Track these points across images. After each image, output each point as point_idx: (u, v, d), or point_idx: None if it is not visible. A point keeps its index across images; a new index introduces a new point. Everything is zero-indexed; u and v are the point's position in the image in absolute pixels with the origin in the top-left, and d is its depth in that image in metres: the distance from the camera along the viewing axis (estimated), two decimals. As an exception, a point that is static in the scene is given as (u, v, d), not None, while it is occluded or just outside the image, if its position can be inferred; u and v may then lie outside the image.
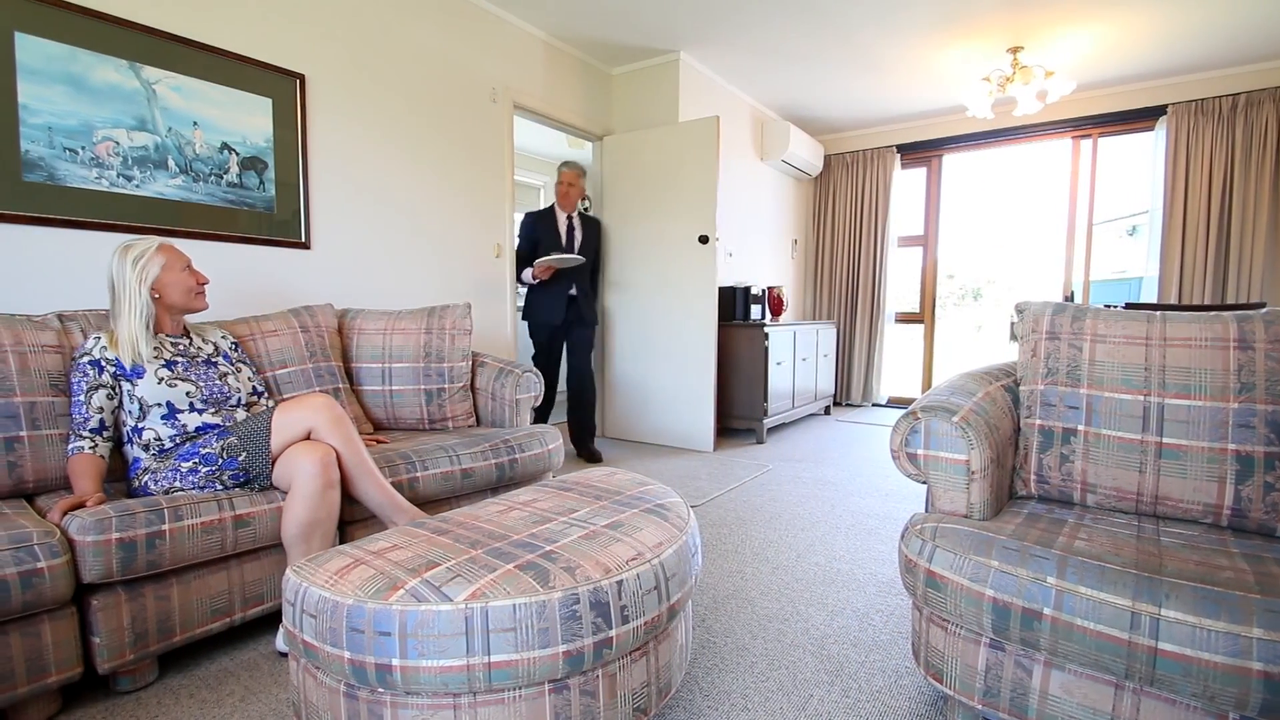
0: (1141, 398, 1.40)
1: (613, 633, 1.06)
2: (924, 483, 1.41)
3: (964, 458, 1.33)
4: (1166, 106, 4.45)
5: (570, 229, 3.76)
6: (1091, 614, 1.04)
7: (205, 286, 1.85)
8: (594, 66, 4.29)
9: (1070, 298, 5.02)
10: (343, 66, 2.82)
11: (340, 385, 2.28)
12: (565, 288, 3.67)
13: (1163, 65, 4.26)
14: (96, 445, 1.58)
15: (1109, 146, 4.88)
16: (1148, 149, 4.65)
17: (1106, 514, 1.40)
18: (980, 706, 1.21)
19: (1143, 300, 4.64)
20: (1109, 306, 1.61)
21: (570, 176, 3.69)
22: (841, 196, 5.92)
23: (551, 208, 3.73)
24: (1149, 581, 1.03)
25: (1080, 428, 1.45)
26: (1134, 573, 1.06)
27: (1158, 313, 1.48)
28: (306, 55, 2.68)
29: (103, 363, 1.63)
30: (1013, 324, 1.70)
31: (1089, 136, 4.88)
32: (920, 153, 5.58)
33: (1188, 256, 4.39)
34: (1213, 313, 1.44)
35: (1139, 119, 4.63)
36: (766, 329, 4.23)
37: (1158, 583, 1.03)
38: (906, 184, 5.74)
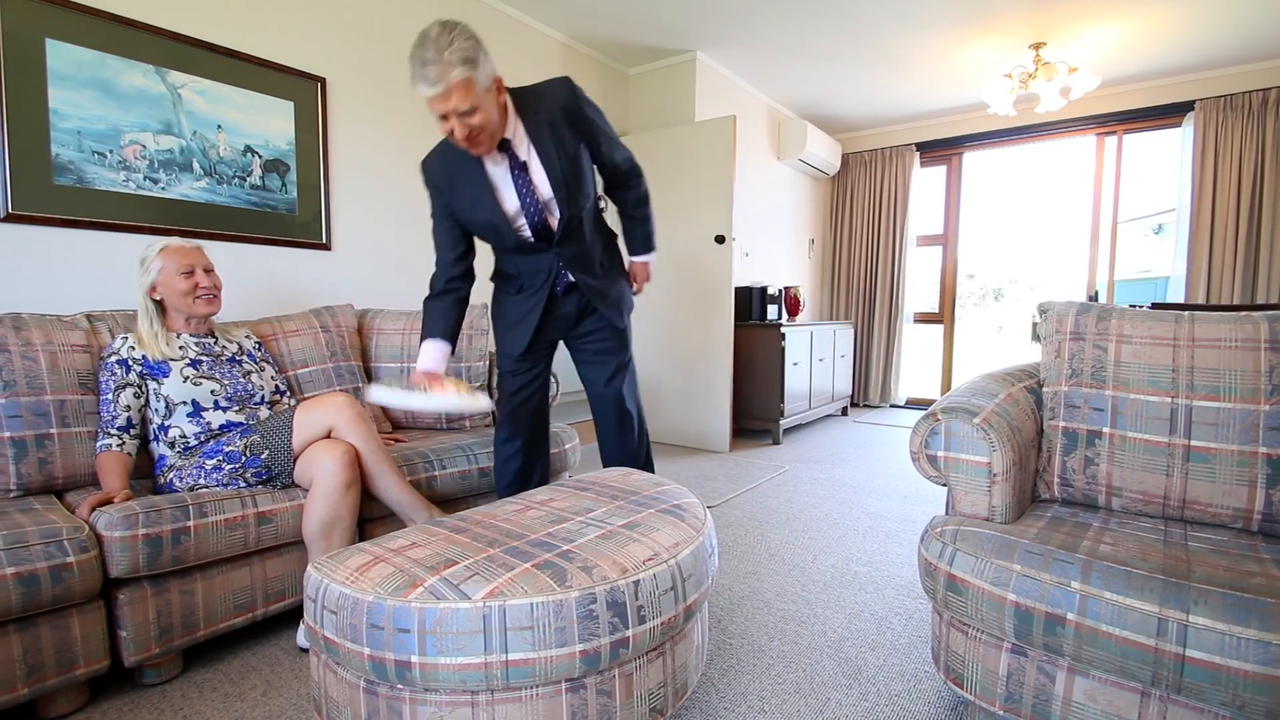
0: (1169, 399, 1.38)
1: (629, 633, 1.06)
2: (944, 485, 1.39)
3: (986, 460, 1.31)
4: (1194, 102, 4.35)
5: (518, 171, 1.62)
6: (1117, 620, 1.02)
7: (208, 292, 1.77)
8: (611, 67, 4.29)
9: (1094, 297, 4.94)
10: (362, 70, 2.85)
11: (360, 384, 2.31)
12: (544, 270, 1.76)
13: (1190, 60, 4.17)
14: (124, 443, 1.62)
15: (1134, 143, 4.79)
16: (1174, 146, 4.56)
17: (1132, 518, 1.37)
18: (1001, 712, 1.20)
19: (1169, 300, 4.55)
20: (1134, 306, 1.58)
21: (453, 94, 1.40)
22: (859, 195, 5.87)
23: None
24: (1176, 587, 1.01)
25: (1105, 430, 1.43)
26: (1161, 578, 1.04)
27: (1185, 313, 1.45)
28: (327, 59, 2.72)
29: (130, 362, 1.67)
30: (1035, 324, 1.67)
31: (1113, 133, 4.80)
32: (940, 151, 5.51)
33: (1216, 255, 4.29)
34: (1242, 313, 1.40)
35: (1165, 115, 4.53)
36: (783, 329, 4.21)
37: (1185, 588, 1.01)
38: (926, 182, 5.68)
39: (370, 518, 1.81)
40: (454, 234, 1.74)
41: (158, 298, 1.75)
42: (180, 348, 1.75)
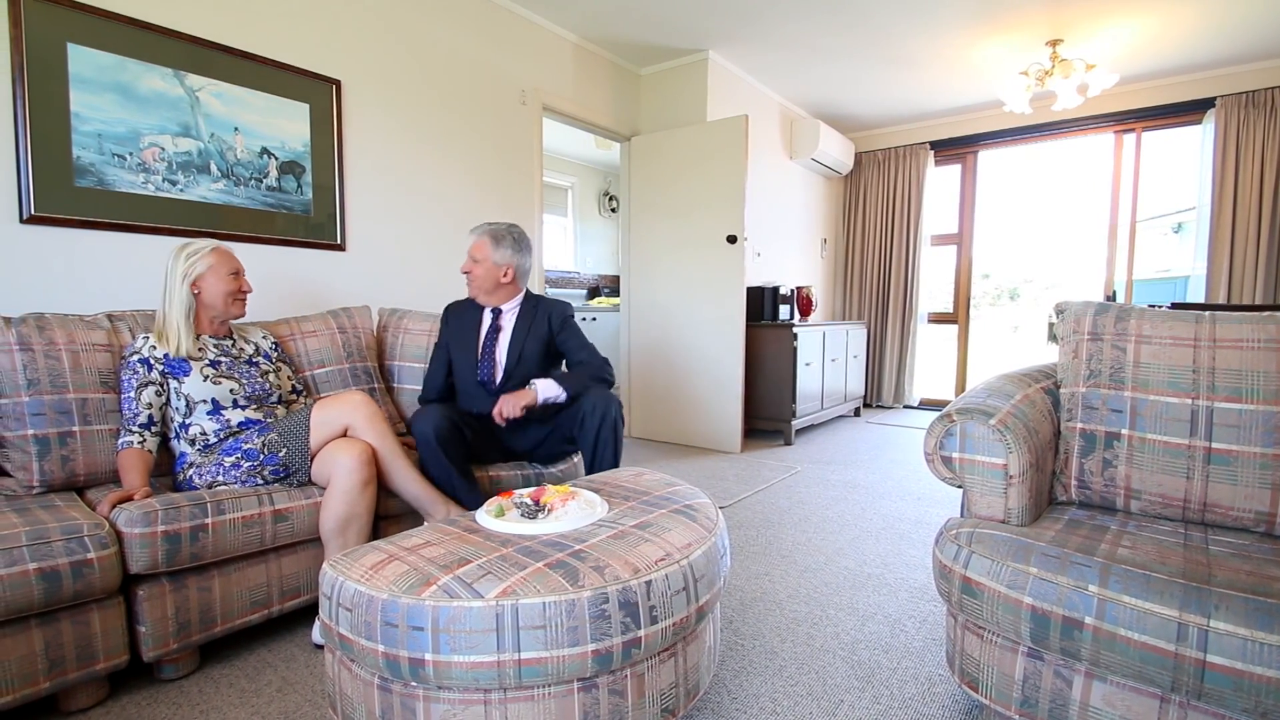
0: (1189, 401, 1.36)
1: (641, 633, 1.06)
2: (959, 487, 1.38)
3: (1002, 461, 1.30)
4: (1214, 99, 4.29)
5: (493, 331, 2.18)
6: (1136, 624, 1.01)
7: (247, 295, 1.87)
8: (622, 67, 4.29)
9: (1112, 297, 4.87)
10: (377, 71, 2.87)
11: (376, 385, 2.32)
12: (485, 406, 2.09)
13: (1210, 56, 4.10)
14: (145, 440, 1.64)
15: (1153, 141, 4.73)
16: (1194, 143, 4.49)
17: (1151, 521, 1.35)
18: (1017, 717, 1.18)
19: (1189, 300, 4.48)
20: (1154, 306, 1.55)
21: (473, 247, 2.15)
22: (872, 195, 5.83)
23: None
24: (1197, 591, 1.00)
25: (1124, 432, 1.41)
26: (1181, 582, 1.02)
27: (1206, 313, 1.43)
28: (342, 61, 2.74)
29: (151, 361, 1.69)
30: (1051, 325, 1.65)
31: (1132, 131, 4.73)
32: (955, 149, 5.46)
33: (1237, 255, 4.22)
34: (1265, 313, 1.38)
35: (1185, 112, 4.47)
36: (795, 329, 4.19)
37: (1206, 593, 0.99)
38: (940, 181, 5.63)
39: (384, 515, 1.83)
40: (448, 363, 2.24)
41: (197, 291, 1.77)
42: (200, 349, 1.78)
